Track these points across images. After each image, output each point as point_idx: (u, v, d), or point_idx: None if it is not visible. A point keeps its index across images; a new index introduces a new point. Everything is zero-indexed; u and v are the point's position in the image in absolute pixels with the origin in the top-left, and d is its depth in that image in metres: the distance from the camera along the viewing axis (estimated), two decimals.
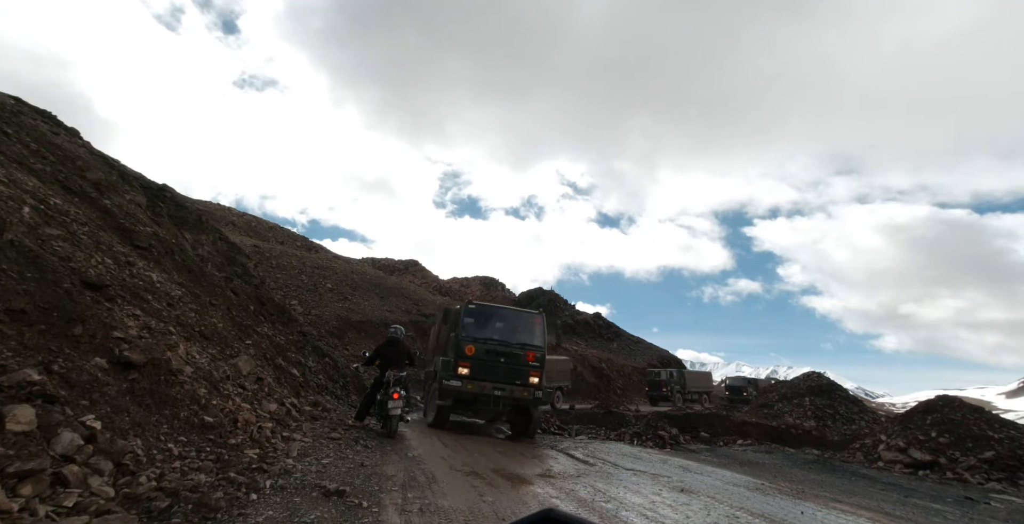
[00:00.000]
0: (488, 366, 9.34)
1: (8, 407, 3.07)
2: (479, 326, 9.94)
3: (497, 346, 9.60)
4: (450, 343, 9.96)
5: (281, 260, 26.12)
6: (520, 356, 9.65)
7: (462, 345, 9.39)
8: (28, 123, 8.61)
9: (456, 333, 9.67)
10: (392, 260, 43.40)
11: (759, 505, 4.99)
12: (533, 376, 9.58)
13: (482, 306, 10.40)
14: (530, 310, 10.94)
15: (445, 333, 10.91)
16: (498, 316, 10.46)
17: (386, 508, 4.06)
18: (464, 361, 9.30)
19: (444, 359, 9.88)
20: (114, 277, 5.62)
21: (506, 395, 9.29)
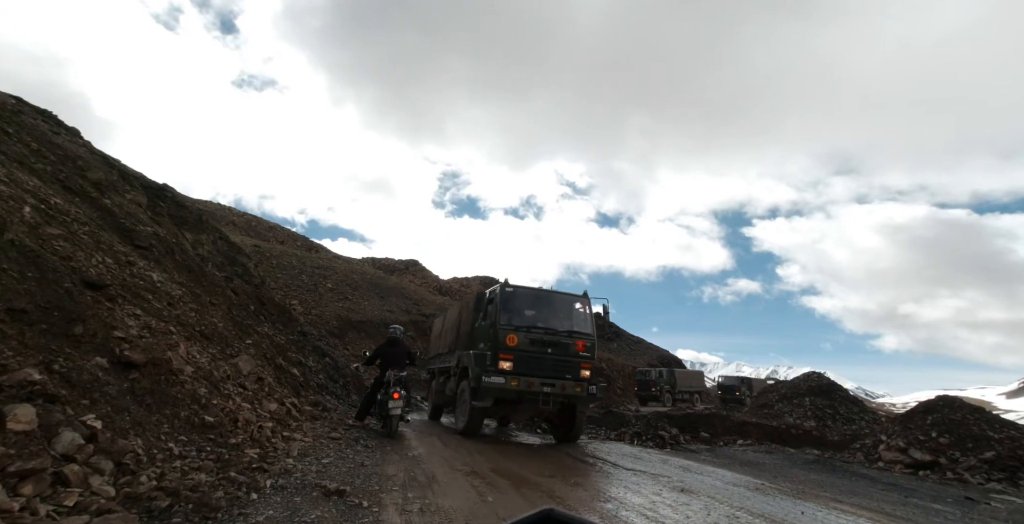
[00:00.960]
0: (533, 359, 8.16)
1: (9, 406, 3.07)
2: (519, 312, 8.67)
3: (543, 335, 8.36)
4: (483, 333, 8.74)
5: (281, 260, 26.12)
6: (569, 346, 8.43)
7: (501, 334, 8.10)
8: (29, 123, 8.62)
9: (492, 321, 8.40)
10: (392, 260, 43.41)
11: (759, 505, 4.99)
12: (584, 368, 8.42)
13: (521, 289, 8.94)
14: (572, 293, 9.47)
15: (468, 323, 9.80)
16: (539, 300, 9.12)
17: (386, 508, 4.06)
18: (506, 353, 8.03)
19: (475, 352, 8.57)
20: (115, 277, 5.62)
21: (556, 392, 8.07)
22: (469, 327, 9.66)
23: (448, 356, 10.62)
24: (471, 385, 8.27)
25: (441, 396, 10.98)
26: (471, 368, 8.38)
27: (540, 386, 8.03)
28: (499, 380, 7.88)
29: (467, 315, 9.98)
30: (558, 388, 8.11)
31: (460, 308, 10.67)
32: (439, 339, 12.58)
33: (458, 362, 9.41)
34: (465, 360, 8.93)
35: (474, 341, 9.16)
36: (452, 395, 9.61)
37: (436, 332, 13.52)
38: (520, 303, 8.81)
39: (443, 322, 12.47)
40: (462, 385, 8.89)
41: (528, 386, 7.97)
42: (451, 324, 11.17)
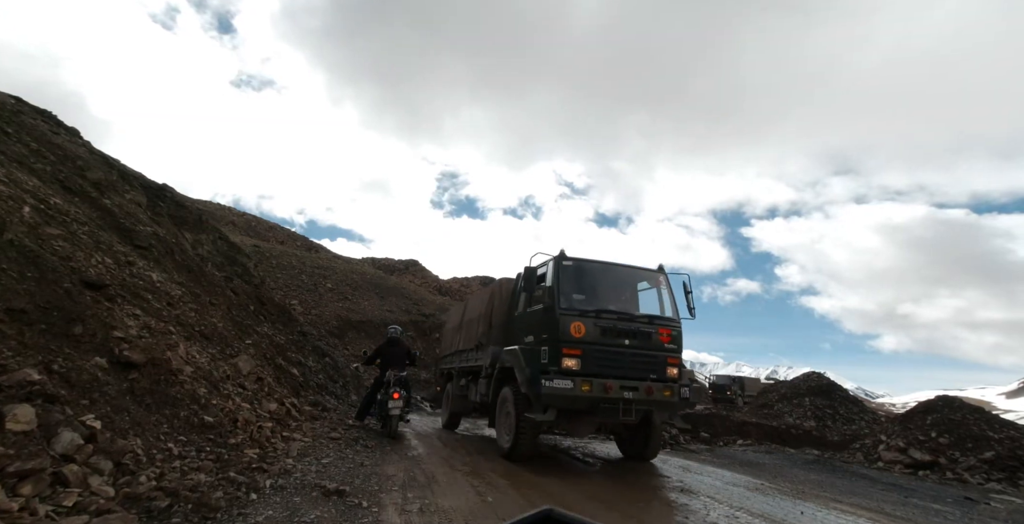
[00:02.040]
0: (607, 354, 6.18)
1: (8, 407, 3.07)
2: (582, 292, 6.74)
3: (617, 322, 6.34)
4: (533, 322, 6.73)
5: (281, 260, 26.12)
6: (651, 335, 6.46)
7: (564, 323, 6.14)
8: (28, 123, 8.61)
9: (548, 305, 6.38)
10: (392, 260, 43.42)
11: (759, 505, 4.99)
12: (672, 365, 6.51)
13: (583, 262, 6.91)
14: (646, 266, 7.41)
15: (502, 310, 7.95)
16: (607, 276, 7.12)
17: (386, 508, 4.06)
18: (571, 347, 6.06)
19: (524, 348, 6.67)
20: (114, 277, 5.62)
21: (640, 397, 6.08)
22: (505, 316, 7.88)
23: (474, 353, 8.72)
24: (521, 391, 6.33)
25: (461, 402, 9.39)
26: (520, 369, 6.44)
27: (620, 391, 5.99)
28: (565, 384, 5.80)
29: (501, 301, 8.04)
30: (642, 392, 6.09)
31: (491, 293, 8.41)
32: (456, 333, 10.33)
33: (493, 361, 7.43)
34: (507, 358, 6.95)
35: (517, 333, 7.22)
36: (482, 402, 7.92)
37: (452, 325, 11.21)
38: (583, 280, 6.82)
39: (463, 312, 10.24)
40: (504, 392, 6.89)
41: (604, 391, 5.90)
42: (476, 314, 8.96)
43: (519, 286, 7.43)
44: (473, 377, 8.76)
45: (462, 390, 9.36)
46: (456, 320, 10.75)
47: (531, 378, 6.11)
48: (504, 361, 7.05)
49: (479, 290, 10.30)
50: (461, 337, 9.80)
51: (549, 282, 6.58)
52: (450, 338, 11.14)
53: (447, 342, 11.52)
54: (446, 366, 11.17)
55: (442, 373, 11.84)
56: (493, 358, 7.46)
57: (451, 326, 11.27)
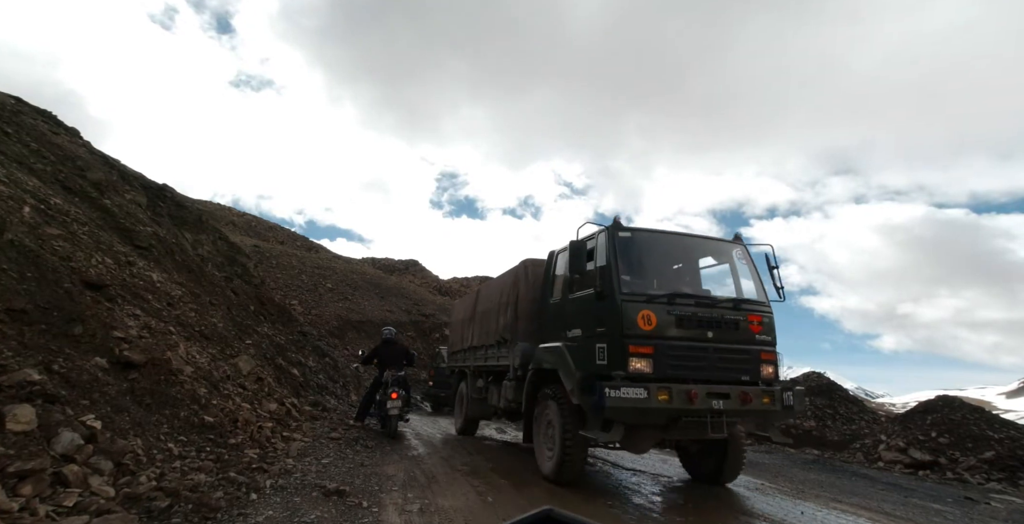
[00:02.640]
0: (688, 352, 4.78)
1: (8, 407, 3.07)
2: (644, 272, 5.32)
3: (696, 309, 4.92)
4: (582, 310, 5.29)
5: (281, 260, 26.12)
6: (739, 325, 5.02)
7: (628, 312, 4.69)
8: (28, 123, 8.62)
9: (606, 288, 4.90)
10: (392, 260, 43.42)
11: (759, 505, 4.99)
12: (767, 362, 5.08)
13: (643, 233, 5.44)
14: (720, 237, 5.98)
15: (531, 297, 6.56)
16: (675, 250, 5.76)
17: (386, 508, 4.07)
18: (640, 344, 4.63)
19: (574, 345, 5.24)
20: (114, 277, 5.62)
21: (733, 407, 4.64)
22: (536, 305, 6.44)
23: (494, 350, 7.34)
24: (571, 401, 4.92)
25: (480, 406, 8.20)
26: (567, 373, 5.04)
27: (707, 399, 4.54)
28: (637, 393, 4.36)
29: (528, 287, 6.60)
30: (735, 400, 4.64)
31: (515, 278, 6.89)
32: (468, 327, 8.94)
33: (525, 361, 6.05)
34: (546, 358, 5.57)
35: (554, 326, 5.81)
36: (508, 408, 6.80)
37: (462, 317, 9.68)
38: (646, 256, 5.37)
39: (475, 302, 8.82)
40: (545, 402, 5.52)
41: (688, 401, 4.46)
42: (495, 303, 7.53)
43: (552, 268, 6.14)
44: (494, 378, 7.55)
45: (480, 392, 8.10)
46: (467, 311, 9.32)
47: (585, 385, 4.69)
48: (542, 362, 5.62)
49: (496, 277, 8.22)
50: (474, 331, 8.45)
51: (603, 260, 5.07)
52: (460, 332, 9.63)
53: (457, 336, 10.01)
54: (457, 364, 9.89)
55: (451, 372, 10.76)
56: (524, 357, 6.09)
57: (461, 318, 9.77)
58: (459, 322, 9.94)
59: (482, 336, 7.98)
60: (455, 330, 10.41)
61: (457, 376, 9.95)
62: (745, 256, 5.79)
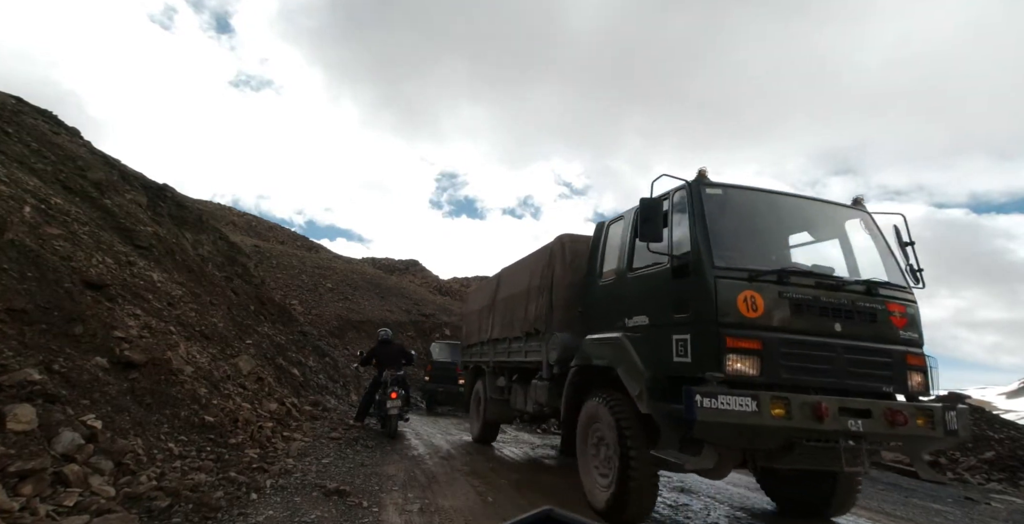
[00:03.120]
0: (811, 350, 3.52)
1: (9, 406, 3.08)
2: (744, 240, 4.04)
3: (818, 292, 3.67)
4: (649, 290, 4.10)
5: (281, 260, 26.12)
6: (877, 316, 3.76)
7: (725, 292, 3.49)
8: (29, 122, 8.62)
9: (691, 260, 3.68)
10: (392, 260, 43.41)
11: (760, 505, 4.99)
12: (915, 368, 3.80)
13: (739, 192, 4.12)
14: (835, 201, 4.54)
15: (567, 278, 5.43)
16: (779, 214, 4.35)
17: (386, 508, 4.07)
18: (743, 338, 3.42)
19: (635, 336, 4.05)
20: (115, 277, 5.63)
21: (878, 429, 3.33)
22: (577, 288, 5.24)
23: (520, 343, 6.22)
24: (640, 411, 3.73)
25: (501, 408, 7.14)
26: (633, 372, 3.85)
27: (839, 417, 3.28)
28: (741, 404, 3.16)
29: (566, 267, 5.43)
30: (880, 420, 3.36)
31: (548, 256, 5.70)
32: (486, 317, 7.84)
33: (563, 356, 4.90)
34: (597, 353, 4.38)
35: (605, 312, 4.60)
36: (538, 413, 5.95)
37: (478, 306, 8.61)
38: (745, 220, 4.10)
39: (495, 288, 7.71)
40: (594, 410, 4.25)
41: (815, 418, 3.23)
42: (522, 288, 6.34)
43: (602, 242, 4.91)
44: (520, 376, 6.52)
45: (500, 392, 7.05)
46: (484, 299, 8.23)
47: (657, 389, 3.61)
48: (590, 357, 4.42)
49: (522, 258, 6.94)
50: (494, 321, 7.36)
51: (685, 225, 3.80)
52: (477, 323, 8.45)
53: (473, 328, 8.86)
54: (473, 359, 8.71)
55: (465, 367, 9.73)
56: (562, 352, 4.90)
57: (477, 307, 8.74)
58: (475, 312, 8.82)
59: (505, 327, 6.88)
60: (470, 321, 9.26)
61: (472, 373, 8.73)
62: (870, 226, 4.36)
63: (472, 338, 8.85)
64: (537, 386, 5.65)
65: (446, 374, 13.86)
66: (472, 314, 9.14)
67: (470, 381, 8.83)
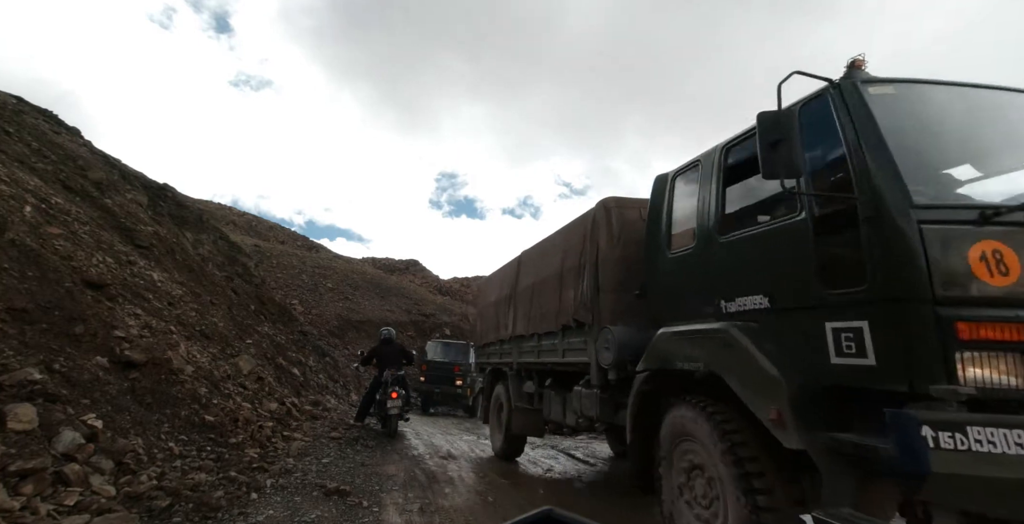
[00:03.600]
0: None
1: (9, 406, 3.08)
2: (940, 161, 2.45)
3: None
4: (761, 257, 2.76)
5: (282, 260, 26.13)
6: None
7: (941, 246, 1.98)
8: (29, 122, 8.62)
9: (871, 198, 2.15)
10: (392, 260, 43.40)
11: None
12: None
13: (913, 89, 2.48)
14: None
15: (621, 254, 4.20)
16: (983, 117, 2.54)
17: (386, 507, 4.07)
18: (990, 324, 1.88)
19: (751, 325, 2.70)
20: (115, 276, 5.63)
21: None
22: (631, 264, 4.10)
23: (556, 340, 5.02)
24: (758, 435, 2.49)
25: (529, 418, 6.06)
26: (762, 382, 2.48)
27: None
28: (1017, 445, 1.71)
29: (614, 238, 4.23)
30: None
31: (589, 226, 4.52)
32: (504, 309, 6.70)
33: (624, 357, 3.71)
34: (690, 353, 3.03)
35: (688, 294, 3.36)
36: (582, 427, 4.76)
37: (495, 297, 7.40)
38: (935, 132, 2.53)
39: (516, 274, 6.45)
40: (696, 433, 2.85)
41: None
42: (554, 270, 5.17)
43: (667, 200, 3.72)
44: (556, 380, 5.38)
45: (529, 400, 5.95)
46: (503, 288, 7.01)
47: (805, 408, 2.35)
48: (673, 358, 3.16)
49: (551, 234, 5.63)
50: (518, 314, 6.20)
51: (834, 148, 2.51)
52: (494, 317, 7.29)
53: (488, 324, 7.69)
54: (491, 360, 7.51)
55: (480, 369, 8.65)
56: (619, 351, 3.69)
57: (493, 299, 7.50)
58: (491, 304, 7.55)
59: (532, 321, 5.67)
60: (485, 315, 7.95)
61: (490, 376, 7.53)
62: None
63: (488, 335, 7.60)
64: (582, 395, 4.35)
65: (443, 374, 13.52)
66: (487, 308, 7.85)
67: (488, 386, 7.61)
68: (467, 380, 13.29)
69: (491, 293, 7.81)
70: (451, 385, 13.28)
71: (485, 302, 8.25)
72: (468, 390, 13.27)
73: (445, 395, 13.50)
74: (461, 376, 13.42)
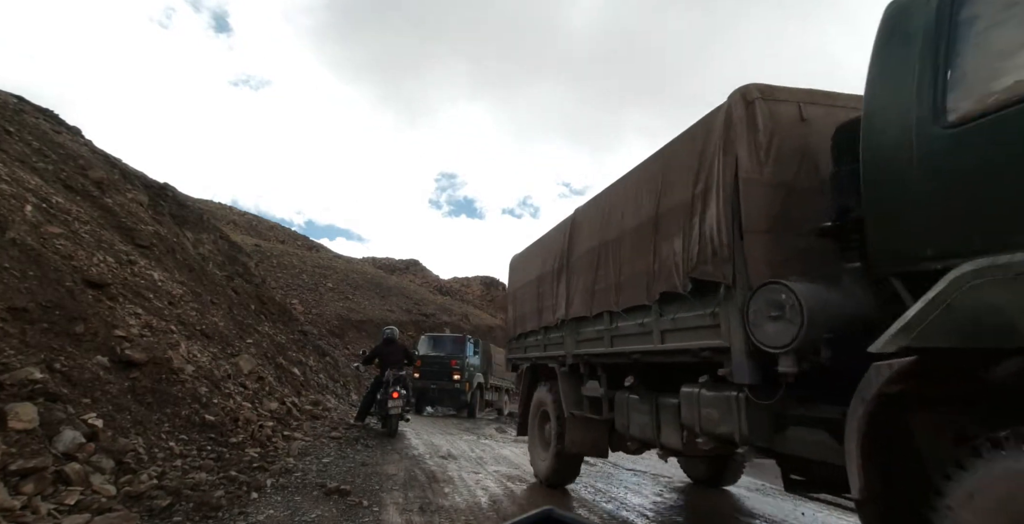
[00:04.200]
0: None
1: (10, 405, 3.08)
2: None
3: None
4: None
5: (282, 259, 26.14)
6: None
7: None
8: (30, 121, 8.63)
9: None
10: (392, 259, 43.41)
11: (760, 506, 4.99)
12: None
13: None
14: None
15: (777, 162, 2.60)
16: None
17: (387, 507, 4.07)
18: None
19: None
20: (116, 276, 5.63)
21: None
22: (787, 188, 2.60)
23: (638, 319, 3.59)
24: None
25: (592, 433, 4.67)
26: None
27: None
28: None
29: (759, 143, 2.62)
30: None
31: (725, 120, 2.76)
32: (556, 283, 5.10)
33: (811, 330, 2.11)
34: None
35: (983, 203, 1.66)
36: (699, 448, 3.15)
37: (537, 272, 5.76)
38: None
39: (566, 239, 4.98)
40: None
41: None
42: (645, 214, 3.57)
43: (948, 25, 1.83)
44: (644, 378, 3.79)
45: (593, 407, 4.39)
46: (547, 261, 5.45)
47: None
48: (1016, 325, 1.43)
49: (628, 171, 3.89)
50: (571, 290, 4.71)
51: None
52: (533, 299, 5.77)
53: (524, 308, 6.13)
54: (528, 354, 6.00)
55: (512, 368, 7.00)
56: (809, 321, 2.14)
57: (534, 276, 5.80)
58: (530, 283, 5.91)
59: (599, 295, 4.14)
60: (520, 299, 6.37)
61: (528, 375, 6.01)
62: None
63: (526, 323, 5.97)
64: (707, 401, 2.88)
65: (439, 369, 12.53)
66: (524, 289, 6.17)
67: (526, 388, 6.05)
68: (465, 375, 12.63)
69: (529, 269, 6.05)
70: (448, 380, 12.49)
71: (520, 282, 6.42)
72: (467, 385, 12.64)
73: (442, 391, 12.68)
74: (459, 370, 12.63)
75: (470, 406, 12.97)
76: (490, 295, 41.61)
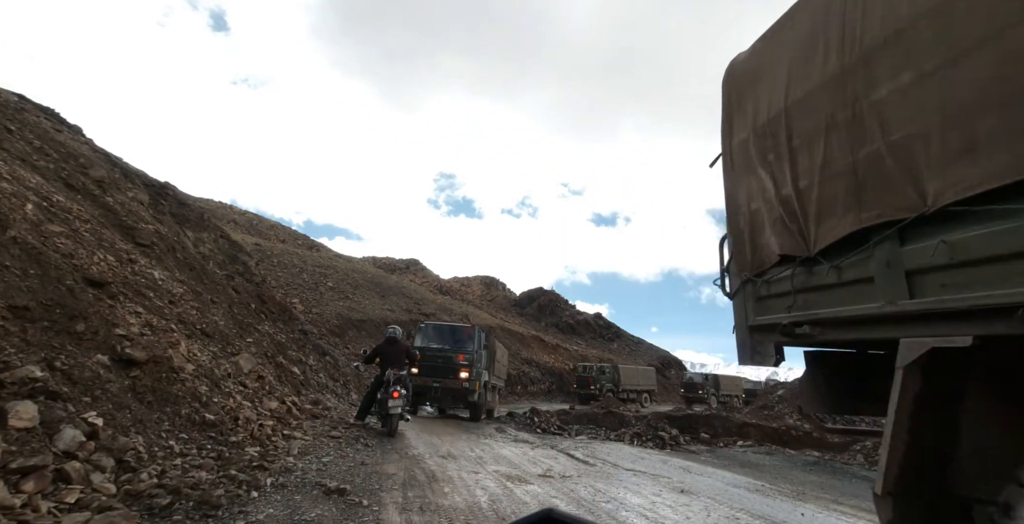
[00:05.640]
0: None
1: (11, 403, 3.08)
2: None
3: None
4: None
5: (282, 258, 26.15)
6: None
7: None
8: (31, 120, 8.63)
9: None
10: (393, 259, 43.40)
11: (759, 506, 4.99)
12: None
13: None
14: None
15: None
16: None
17: (386, 507, 4.07)
18: None
19: None
20: (116, 274, 5.63)
21: None
22: None
23: None
24: None
25: None
26: None
27: None
28: None
29: None
30: None
31: None
32: None
33: None
34: None
35: None
36: None
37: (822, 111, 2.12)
38: None
39: None
40: None
41: None
42: None
43: None
44: None
45: None
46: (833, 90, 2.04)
47: None
48: None
49: None
50: None
51: None
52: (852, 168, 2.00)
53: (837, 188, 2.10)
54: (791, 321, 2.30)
55: (752, 350, 2.70)
56: None
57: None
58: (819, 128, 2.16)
59: None
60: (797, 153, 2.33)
61: (916, 372, 1.69)
62: None
63: (832, 229, 2.10)
64: None
65: (443, 364, 10.75)
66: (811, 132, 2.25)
67: (914, 402, 1.75)
68: (474, 372, 10.91)
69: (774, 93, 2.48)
70: (454, 378, 10.64)
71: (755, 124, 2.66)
72: (476, 384, 10.87)
73: (446, 391, 10.80)
74: (467, 366, 10.80)
75: (476, 407, 11.37)
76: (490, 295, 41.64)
